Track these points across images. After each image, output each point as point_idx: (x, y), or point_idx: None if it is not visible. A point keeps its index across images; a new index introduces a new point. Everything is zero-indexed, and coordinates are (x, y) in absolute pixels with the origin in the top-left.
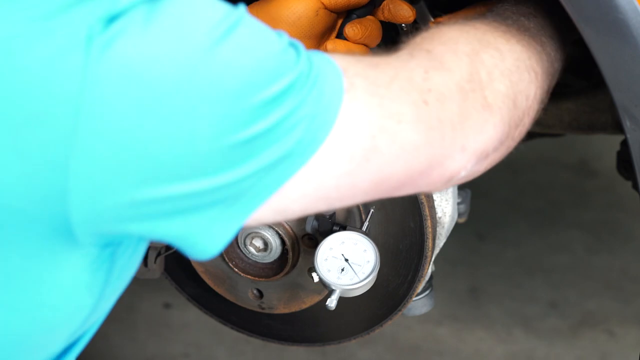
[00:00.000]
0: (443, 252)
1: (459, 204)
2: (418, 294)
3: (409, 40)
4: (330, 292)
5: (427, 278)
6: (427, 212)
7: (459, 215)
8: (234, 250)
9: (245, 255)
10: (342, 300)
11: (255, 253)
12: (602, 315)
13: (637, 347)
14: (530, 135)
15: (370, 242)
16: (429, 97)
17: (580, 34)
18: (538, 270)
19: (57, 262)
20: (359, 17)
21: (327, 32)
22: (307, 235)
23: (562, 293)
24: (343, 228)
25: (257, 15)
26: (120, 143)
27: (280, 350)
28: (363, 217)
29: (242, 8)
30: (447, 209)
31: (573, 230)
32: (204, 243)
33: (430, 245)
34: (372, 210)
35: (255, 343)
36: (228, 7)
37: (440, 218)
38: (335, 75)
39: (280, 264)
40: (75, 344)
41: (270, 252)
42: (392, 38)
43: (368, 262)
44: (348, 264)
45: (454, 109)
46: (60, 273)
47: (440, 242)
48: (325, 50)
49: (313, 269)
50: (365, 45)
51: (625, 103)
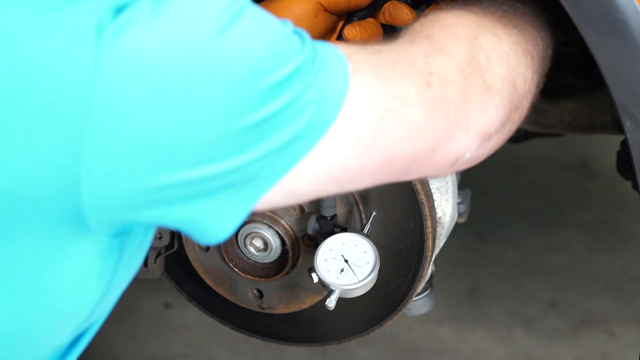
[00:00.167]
0: (443, 252)
1: (459, 204)
2: (418, 294)
3: (408, 28)
4: (330, 292)
5: (427, 278)
6: (427, 212)
7: (459, 215)
8: (234, 250)
9: (245, 255)
10: (342, 301)
11: (255, 253)
12: (602, 315)
13: (637, 347)
14: (530, 135)
15: (371, 243)
16: (432, 79)
17: (580, 34)
18: (538, 270)
19: (68, 250)
20: (360, 19)
21: (327, 34)
22: (307, 236)
23: (562, 293)
24: (344, 230)
25: None
26: (131, 131)
27: (280, 350)
28: (364, 219)
29: None
30: (447, 209)
31: (573, 230)
32: (215, 227)
33: (430, 245)
34: (373, 213)
35: (255, 343)
36: None
37: (440, 218)
38: (341, 61)
39: (280, 264)
40: (81, 338)
41: (270, 252)
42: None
43: (368, 263)
44: (348, 265)
45: (456, 91)
46: (71, 261)
47: (440, 242)
48: None
49: (313, 270)
50: None
51: (625, 103)
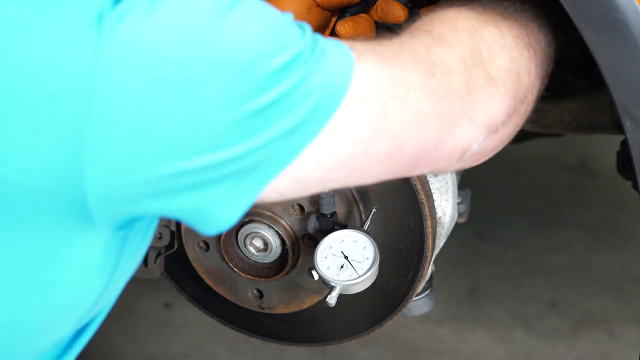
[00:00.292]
0: (443, 252)
1: (459, 204)
2: (418, 294)
3: (408, 26)
4: (330, 289)
5: (427, 278)
6: (427, 212)
7: (459, 215)
8: (234, 250)
9: (245, 255)
10: (342, 300)
11: (255, 253)
12: (602, 315)
13: (637, 347)
14: (530, 135)
15: (370, 239)
16: (434, 69)
17: (580, 34)
18: (538, 270)
19: (71, 242)
20: (352, 15)
21: (320, 30)
22: (307, 235)
23: (562, 293)
24: (344, 227)
25: None
26: (134, 120)
27: (280, 350)
28: (364, 217)
29: None
30: (447, 209)
31: (573, 230)
32: (221, 216)
33: (430, 245)
34: (374, 210)
35: (255, 343)
36: None
37: (440, 218)
38: (344, 49)
39: (280, 264)
40: (83, 332)
41: (270, 252)
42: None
43: (367, 258)
44: (347, 261)
45: (459, 81)
46: (74, 253)
47: (440, 242)
48: None
49: (313, 267)
50: None
51: (625, 103)
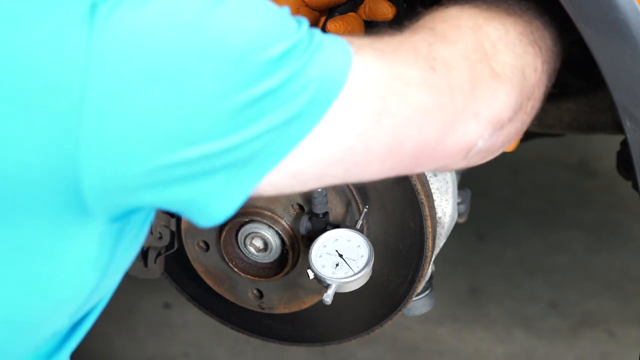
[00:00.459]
0: (443, 252)
1: (459, 204)
2: (418, 294)
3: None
4: (326, 287)
5: (427, 278)
6: (427, 212)
7: (459, 215)
8: (234, 250)
9: (245, 255)
10: (342, 300)
11: (255, 253)
12: (602, 315)
13: (637, 347)
14: (530, 135)
15: (364, 237)
16: (436, 64)
17: (580, 34)
18: (538, 270)
19: (67, 235)
20: (341, 14)
21: None
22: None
23: (562, 293)
24: (336, 226)
25: None
26: (128, 111)
27: (280, 350)
28: (357, 217)
29: None
30: (447, 209)
31: (573, 230)
32: (217, 207)
33: (430, 245)
34: (365, 209)
35: (255, 343)
36: None
37: (440, 218)
38: (342, 43)
39: (280, 264)
40: (79, 326)
41: (270, 252)
42: None
43: (362, 256)
44: (342, 259)
45: (463, 77)
46: (70, 246)
47: (440, 242)
48: None
49: (308, 266)
50: None
51: (625, 103)
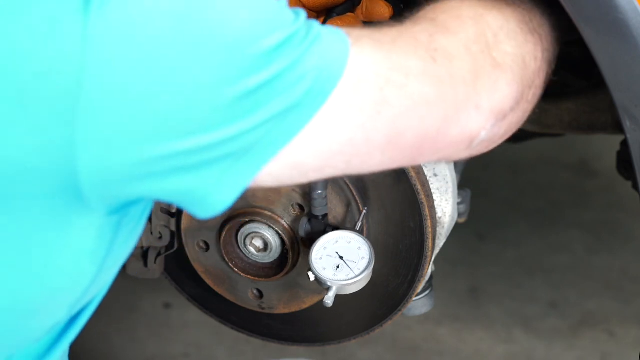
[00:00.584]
0: (443, 252)
1: (459, 204)
2: (418, 294)
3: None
4: (327, 289)
5: (427, 278)
6: (427, 212)
7: (459, 215)
8: (234, 250)
9: (245, 255)
10: (342, 301)
11: (255, 253)
12: (602, 315)
13: (637, 347)
14: (530, 135)
15: (364, 239)
16: (437, 55)
17: (580, 34)
18: (538, 270)
19: (65, 224)
20: (339, 14)
21: None
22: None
23: (562, 293)
24: (336, 228)
25: None
26: (123, 100)
27: (280, 350)
28: (357, 217)
29: None
30: (447, 209)
31: (573, 230)
32: (215, 198)
33: (430, 245)
34: (364, 211)
35: (255, 343)
36: None
37: (440, 218)
38: (340, 34)
39: (280, 264)
40: (77, 319)
41: (270, 252)
42: None
43: (363, 258)
44: (343, 261)
45: (464, 68)
46: (68, 236)
47: (440, 242)
48: None
49: (309, 268)
50: None
51: (625, 103)
